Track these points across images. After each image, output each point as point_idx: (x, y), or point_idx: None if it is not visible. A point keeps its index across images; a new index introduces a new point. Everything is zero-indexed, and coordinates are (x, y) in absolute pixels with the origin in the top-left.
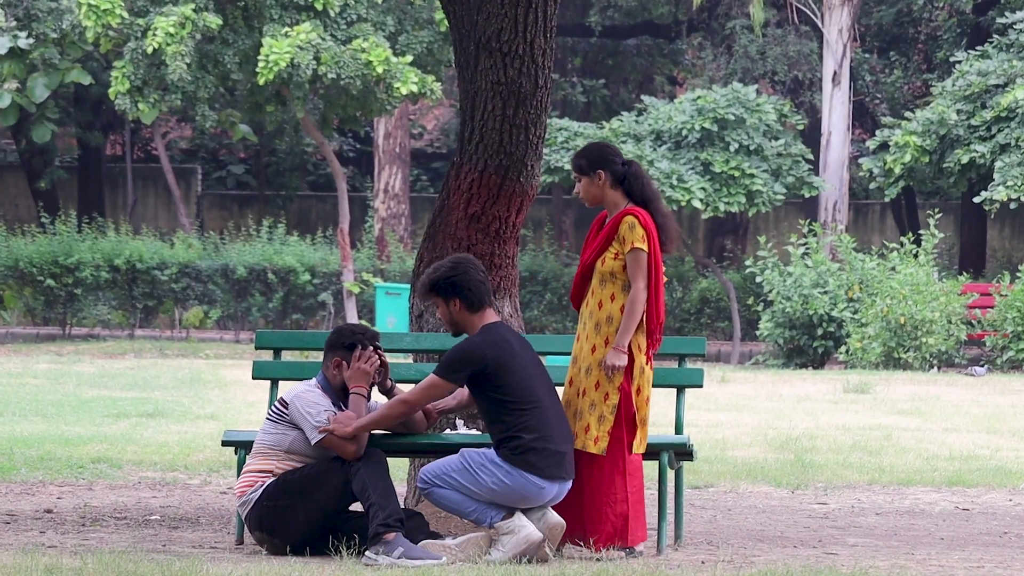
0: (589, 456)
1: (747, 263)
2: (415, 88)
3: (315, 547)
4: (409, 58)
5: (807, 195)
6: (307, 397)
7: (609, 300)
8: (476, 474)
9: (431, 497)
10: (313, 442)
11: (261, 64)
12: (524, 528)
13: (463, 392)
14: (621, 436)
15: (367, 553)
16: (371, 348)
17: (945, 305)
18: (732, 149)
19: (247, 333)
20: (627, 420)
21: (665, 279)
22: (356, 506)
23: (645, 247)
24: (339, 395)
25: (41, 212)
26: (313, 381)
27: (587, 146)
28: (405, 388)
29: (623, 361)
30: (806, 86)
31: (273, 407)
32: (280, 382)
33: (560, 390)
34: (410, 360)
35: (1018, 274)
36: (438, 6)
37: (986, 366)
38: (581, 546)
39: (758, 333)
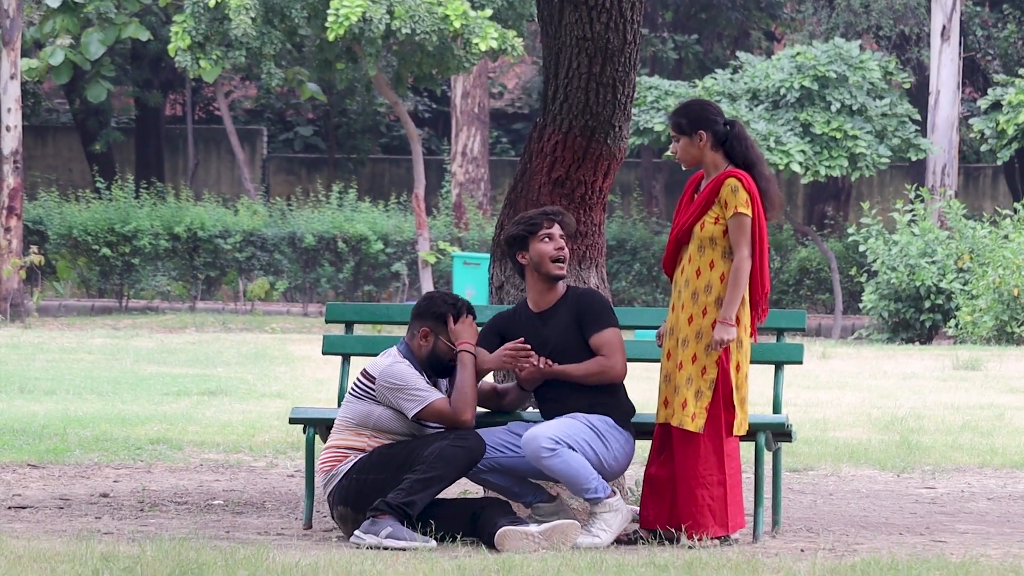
0: (685, 434)
1: (849, 231)
2: (495, 44)
3: None
4: (488, 12)
5: (914, 158)
6: (397, 370)
7: (708, 267)
8: (605, 439)
9: (557, 459)
10: (412, 415)
11: (331, 18)
12: (624, 507)
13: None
14: (719, 414)
15: (356, 532)
16: (469, 318)
17: None
18: (834, 109)
19: (316, 305)
20: (725, 397)
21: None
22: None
23: (749, 212)
24: (424, 367)
25: (96, 176)
26: (394, 351)
27: (687, 104)
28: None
29: (732, 335)
30: (913, 41)
31: (357, 381)
32: (352, 358)
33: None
34: None
35: None
36: None
37: None
38: (673, 532)
39: (861, 306)
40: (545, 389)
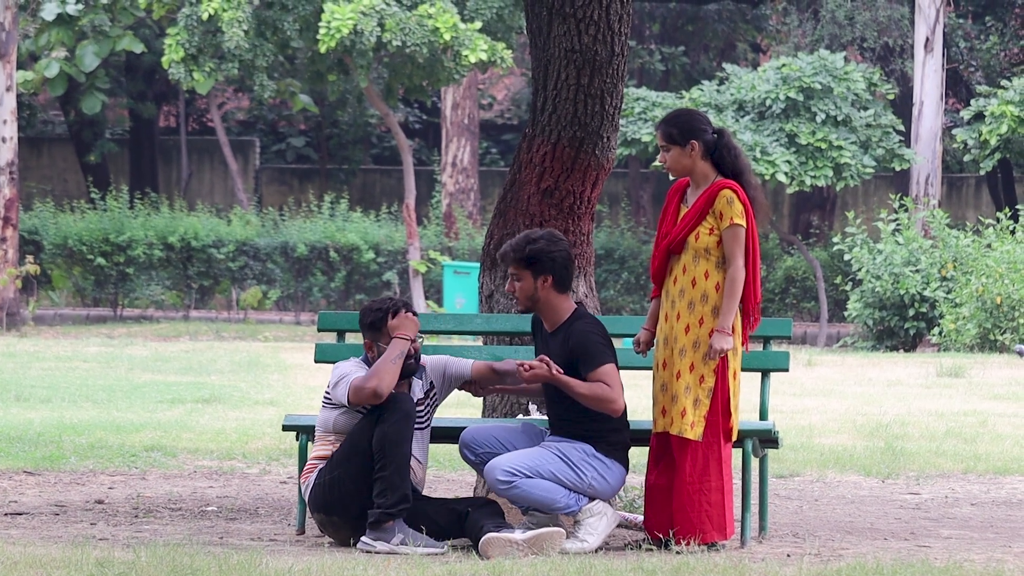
0: (683, 442)
1: (834, 240)
2: (484, 56)
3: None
4: (478, 24)
5: (898, 168)
6: (337, 367)
7: (703, 278)
8: (578, 469)
9: (515, 490)
10: (346, 401)
11: (322, 31)
12: (609, 510)
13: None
14: (717, 421)
15: (363, 539)
16: (407, 313)
17: None
18: (819, 120)
19: (308, 314)
20: (723, 404)
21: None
22: (430, 492)
23: (744, 223)
24: None
25: (91, 187)
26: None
27: (675, 114)
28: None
29: (729, 344)
30: (897, 53)
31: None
32: None
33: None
34: (480, 343)
35: None
36: None
37: None
38: (661, 538)
39: (846, 314)
40: (549, 408)
